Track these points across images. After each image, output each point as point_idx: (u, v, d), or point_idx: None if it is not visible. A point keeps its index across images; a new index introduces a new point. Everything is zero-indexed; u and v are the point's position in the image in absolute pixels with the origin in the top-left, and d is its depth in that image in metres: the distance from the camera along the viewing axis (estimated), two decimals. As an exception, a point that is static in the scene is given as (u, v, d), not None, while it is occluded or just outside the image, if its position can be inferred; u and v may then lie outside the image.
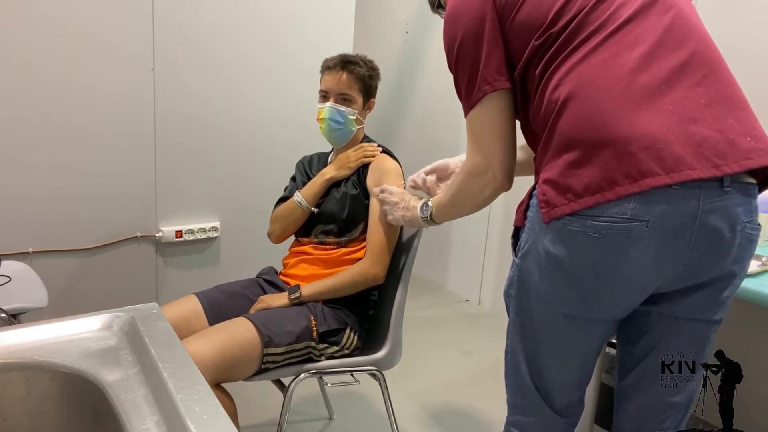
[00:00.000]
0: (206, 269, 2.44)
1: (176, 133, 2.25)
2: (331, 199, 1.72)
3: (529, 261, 1.06)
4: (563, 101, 0.97)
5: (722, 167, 0.92)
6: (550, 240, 1.00)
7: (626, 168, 0.91)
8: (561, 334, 1.08)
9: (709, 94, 0.96)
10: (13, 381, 0.79)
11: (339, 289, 1.61)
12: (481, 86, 1.08)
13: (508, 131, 1.11)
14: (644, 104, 0.93)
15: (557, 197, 0.97)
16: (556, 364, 1.12)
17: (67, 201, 2.08)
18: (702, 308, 1.04)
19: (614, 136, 0.92)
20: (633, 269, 0.96)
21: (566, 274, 1.00)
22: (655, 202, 0.92)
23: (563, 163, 0.96)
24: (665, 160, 0.90)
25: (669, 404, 1.10)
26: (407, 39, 3.69)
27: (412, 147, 3.60)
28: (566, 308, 1.04)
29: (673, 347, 1.07)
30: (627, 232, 0.93)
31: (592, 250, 0.96)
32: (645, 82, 0.94)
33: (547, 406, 1.14)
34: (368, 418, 2.14)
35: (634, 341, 1.12)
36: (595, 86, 0.95)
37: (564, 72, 0.99)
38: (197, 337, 1.43)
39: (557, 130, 0.98)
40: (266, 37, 2.37)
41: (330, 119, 1.68)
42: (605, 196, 0.92)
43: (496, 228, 3.18)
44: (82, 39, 2.00)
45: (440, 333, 2.95)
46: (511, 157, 1.13)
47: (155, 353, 0.79)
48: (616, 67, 0.95)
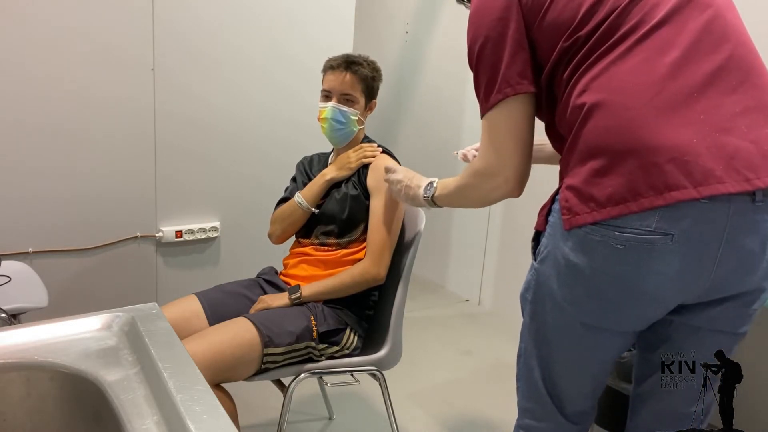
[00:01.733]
0: (206, 269, 2.44)
1: (176, 133, 2.25)
2: (331, 200, 1.72)
3: (548, 267, 1.04)
4: (590, 107, 0.94)
5: (754, 181, 0.88)
6: (571, 248, 0.98)
7: (652, 179, 0.88)
8: (577, 342, 1.06)
9: (744, 102, 0.91)
10: (13, 381, 0.79)
11: (339, 289, 1.61)
12: (501, 88, 1.05)
13: (525, 136, 1.08)
14: (674, 113, 0.89)
15: (579, 205, 0.95)
16: (570, 371, 1.10)
17: (67, 201, 2.08)
18: (726, 320, 1.01)
19: (641, 146, 0.89)
20: (655, 283, 0.94)
21: (586, 283, 0.98)
22: (681, 216, 0.89)
23: (588, 171, 0.94)
24: (693, 173, 0.87)
25: (684, 414, 1.08)
26: (407, 39, 3.69)
27: (413, 147, 3.60)
28: (584, 317, 1.02)
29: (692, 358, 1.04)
30: (651, 245, 0.90)
31: (613, 262, 0.94)
32: (676, 89, 0.90)
33: (559, 413, 1.12)
34: (368, 418, 2.14)
35: (653, 349, 1.09)
36: (623, 93, 0.92)
37: (591, 77, 0.96)
38: (197, 337, 1.43)
39: (582, 136, 0.95)
40: (266, 38, 2.37)
41: (332, 119, 1.68)
42: (629, 207, 0.90)
43: (496, 228, 3.18)
44: (81, 40, 2.00)
45: (440, 333, 2.95)
46: (526, 164, 1.09)
47: (155, 353, 0.79)
48: (647, 74, 0.92)
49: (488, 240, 3.23)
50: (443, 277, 3.57)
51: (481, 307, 3.31)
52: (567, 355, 1.08)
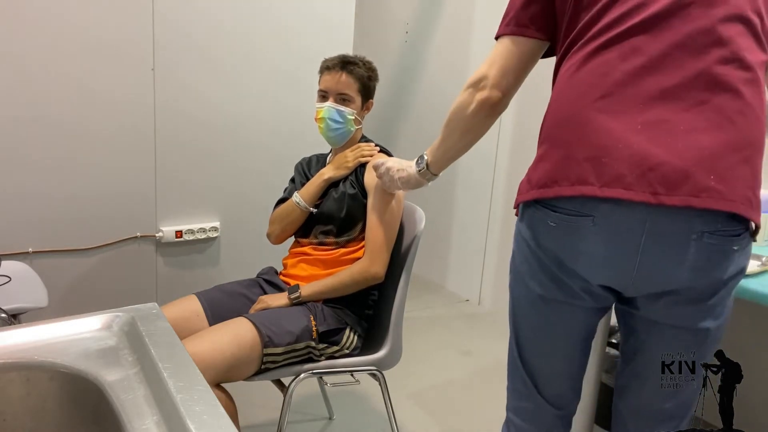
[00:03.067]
0: (206, 269, 2.44)
1: (176, 132, 2.25)
2: (329, 199, 1.72)
3: (515, 245, 1.13)
4: (552, 98, 1.04)
5: (661, 197, 0.89)
6: (524, 226, 1.08)
7: (567, 171, 0.96)
8: (539, 316, 1.12)
9: (695, 122, 0.90)
10: (13, 381, 0.79)
11: (339, 288, 1.61)
12: (509, 23, 1.12)
13: (517, 70, 1.13)
14: (613, 117, 0.93)
15: (523, 186, 1.06)
16: (540, 348, 1.15)
17: (67, 201, 2.08)
18: (678, 315, 1.02)
19: (572, 140, 0.96)
20: (583, 262, 1.00)
21: (535, 257, 1.06)
22: (601, 200, 0.94)
23: (536, 157, 1.04)
24: (604, 174, 0.92)
25: (660, 411, 1.10)
26: (407, 39, 3.69)
27: (412, 147, 3.60)
28: (540, 290, 1.08)
29: (656, 351, 1.06)
30: (576, 224, 0.97)
31: (550, 238, 1.03)
32: (625, 96, 0.93)
33: (538, 393, 1.16)
34: (368, 418, 2.14)
35: (625, 340, 1.14)
36: (577, 89, 0.97)
37: (566, 68, 1.01)
38: (197, 338, 1.43)
39: (542, 124, 1.05)
40: (266, 38, 2.37)
41: (329, 118, 1.68)
42: (545, 192, 0.99)
43: (496, 228, 3.18)
44: (81, 39, 2.00)
45: (440, 333, 2.95)
46: (512, 80, 1.13)
47: (155, 353, 0.79)
48: (603, 75, 0.95)
49: (488, 240, 3.23)
50: (443, 277, 3.57)
51: (481, 307, 3.31)
52: (534, 331, 1.14)
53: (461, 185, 3.37)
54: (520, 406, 1.19)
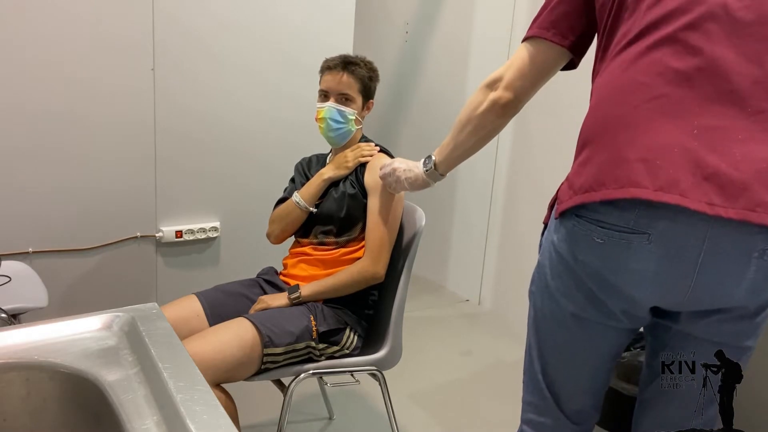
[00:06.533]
0: (206, 269, 2.44)
1: (176, 133, 2.25)
2: (329, 199, 1.72)
3: (544, 257, 1.07)
4: (593, 100, 0.98)
5: (716, 207, 0.84)
6: (560, 238, 1.01)
7: (617, 173, 0.89)
8: (569, 334, 1.07)
9: (754, 131, 0.85)
10: (13, 381, 0.79)
11: (339, 288, 1.61)
12: (532, 26, 1.11)
13: (533, 73, 1.12)
14: (667, 119, 0.88)
15: (566, 193, 0.98)
16: (566, 365, 1.11)
17: (67, 201, 2.08)
18: (722, 332, 0.98)
19: (620, 141, 0.90)
20: (631, 281, 0.95)
21: (572, 274, 1.00)
22: (659, 216, 0.88)
23: (577, 162, 0.98)
24: (658, 177, 0.86)
25: (687, 426, 1.07)
26: (407, 39, 3.69)
27: (412, 147, 3.60)
28: (573, 308, 1.03)
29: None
30: (628, 242, 0.91)
31: (594, 255, 0.96)
32: (680, 98, 0.88)
33: (558, 409, 1.13)
34: (368, 418, 2.14)
35: (654, 354, 1.09)
36: (623, 90, 0.92)
37: (611, 69, 0.97)
38: (197, 338, 1.43)
39: (582, 128, 0.99)
40: (266, 38, 2.37)
41: (330, 118, 1.68)
42: (592, 196, 0.92)
43: (496, 228, 3.18)
44: (81, 36, 2.00)
45: (440, 333, 2.95)
46: (527, 83, 1.13)
47: (155, 353, 0.79)
48: (657, 75, 0.89)
49: (488, 240, 3.23)
50: (443, 277, 3.57)
51: (481, 307, 3.30)
52: (561, 347, 1.10)
53: (461, 185, 3.37)
54: (539, 420, 1.16)
